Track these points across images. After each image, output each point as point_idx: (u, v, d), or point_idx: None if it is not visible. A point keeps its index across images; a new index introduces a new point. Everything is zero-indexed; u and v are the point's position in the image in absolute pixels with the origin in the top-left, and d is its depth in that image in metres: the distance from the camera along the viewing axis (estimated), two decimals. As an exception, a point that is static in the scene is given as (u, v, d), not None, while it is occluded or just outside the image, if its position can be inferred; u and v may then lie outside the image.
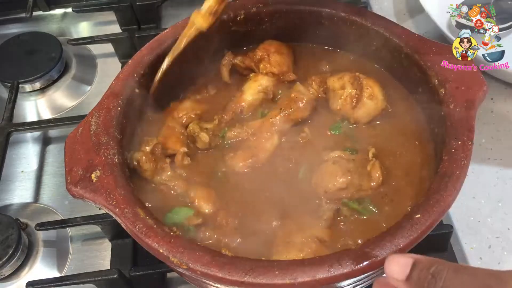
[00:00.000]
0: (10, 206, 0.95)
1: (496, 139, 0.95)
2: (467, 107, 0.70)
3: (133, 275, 0.79)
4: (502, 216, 0.86)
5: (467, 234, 0.84)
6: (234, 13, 0.85)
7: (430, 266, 0.48)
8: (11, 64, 1.12)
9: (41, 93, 1.12)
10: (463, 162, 0.64)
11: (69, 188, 0.67)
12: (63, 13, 1.30)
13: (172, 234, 0.61)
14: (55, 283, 0.79)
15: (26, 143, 1.05)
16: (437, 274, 0.47)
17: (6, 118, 1.01)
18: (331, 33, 0.87)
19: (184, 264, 0.58)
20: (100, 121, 0.72)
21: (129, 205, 0.63)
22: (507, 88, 1.02)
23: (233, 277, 0.57)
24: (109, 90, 0.76)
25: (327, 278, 0.56)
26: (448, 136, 0.67)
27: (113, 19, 1.24)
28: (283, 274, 0.56)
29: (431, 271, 0.48)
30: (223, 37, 0.86)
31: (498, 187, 0.89)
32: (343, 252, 0.58)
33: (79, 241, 0.90)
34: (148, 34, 1.10)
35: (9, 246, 0.83)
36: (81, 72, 1.16)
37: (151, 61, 0.80)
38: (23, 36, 1.18)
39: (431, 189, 0.63)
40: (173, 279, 0.84)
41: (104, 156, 0.68)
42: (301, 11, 0.86)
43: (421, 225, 0.59)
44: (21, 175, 1.00)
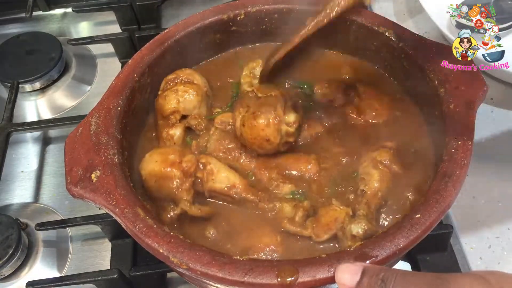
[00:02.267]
0: (10, 206, 0.95)
1: (496, 139, 0.95)
2: (467, 107, 0.70)
3: (133, 275, 0.79)
4: (502, 216, 0.86)
5: (467, 234, 0.84)
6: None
7: (379, 273, 0.50)
8: (11, 64, 1.12)
9: (41, 93, 1.12)
10: (463, 162, 0.64)
11: (69, 188, 0.67)
12: (63, 13, 1.30)
13: (172, 234, 0.61)
14: (55, 283, 0.79)
15: (26, 143, 1.05)
16: (386, 279, 0.49)
17: (6, 118, 1.01)
18: (330, 33, 0.86)
19: (184, 264, 0.58)
20: (100, 121, 0.72)
21: (129, 205, 0.63)
22: (507, 88, 1.02)
23: (233, 277, 0.57)
24: (109, 90, 0.76)
25: (327, 278, 0.56)
26: (448, 136, 0.67)
27: (113, 19, 1.24)
28: (283, 274, 0.56)
29: (381, 277, 0.50)
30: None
31: (498, 187, 0.89)
32: (343, 252, 0.58)
33: (79, 241, 0.90)
34: (148, 34, 1.11)
35: (9, 246, 0.83)
36: (81, 72, 1.16)
37: (151, 61, 0.80)
38: (23, 36, 1.18)
39: (431, 189, 0.63)
40: (173, 279, 0.84)
41: (104, 156, 0.68)
42: (301, 11, 0.86)
43: (421, 225, 0.59)
44: (21, 175, 1.00)
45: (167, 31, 0.83)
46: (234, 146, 0.75)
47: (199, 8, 0.89)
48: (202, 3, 1.22)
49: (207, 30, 0.85)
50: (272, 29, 0.88)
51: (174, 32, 0.83)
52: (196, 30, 0.84)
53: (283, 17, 0.87)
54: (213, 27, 0.85)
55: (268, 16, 0.87)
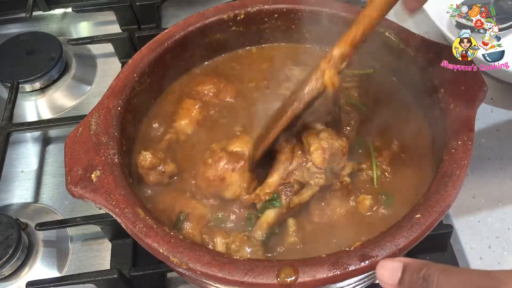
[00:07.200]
0: (10, 206, 0.95)
1: (496, 139, 0.95)
2: (467, 107, 0.70)
3: (133, 275, 0.79)
4: (502, 216, 0.86)
5: (467, 234, 0.84)
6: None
7: (420, 269, 0.49)
8: (11, 64, 1.12)
9: (41, 93, 1.12)
10: (463, 162, 0.64)
11: (69, 188, 0.67)
12: (63, 13, 1.30)
13: (172, 234, 0.61)
14: (55, 283, 0.79)
15: (26, 143, 1.05)
16: (428, 277, 0.48)
17: (6, 118, 1.01)
18: (330, 33, 0.86)
19: (184, 264, 0.58)
20: (100, 121, 0.72)
21: (129, 205, 0.63)
22: (507, 88, 1.02)
23: (233, 277, 0.57)
24: (109, 90, 0.76)
25: (327, 278, 0.56)
26: (448, 136, 0.67)
27: (113, 19, 1.24)
28: (283, 274, 0.56)
29: (422, 275, 0.48)
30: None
31: (498, 187, 0.89)
32: (343, 252, 0.58)
33: (79, 241, 0.90)
34: (148, 34, 1.10)
35: (9, 246, 0.83)
36: (81, 72, 1.16)
37: (151, 61, 0.80)
38: (23, 36, 1.18)
39: (431, 189, 0.63)
40: (173, 279, 0.84)
41: (104, 156, 0.68)
42: (301, 11, 0.86)
43: (421, 225, 0.59)
44: (21, 175, 1.00)
45: (167, 31, 0.83)
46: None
47: (199, 8, 0.89)
48: (202, 3, 1.22)
49: (207, 30, 0.85)
50: (272, 29, 0.88)
51: (174, 32, 0.83)
52: (196, 30, 0.84)
53: (283, 17, 0.87)
54: (213, 27, 0.85)
55: (268, 16, 0.87)
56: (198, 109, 0.82)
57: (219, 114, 0.83)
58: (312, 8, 0.85)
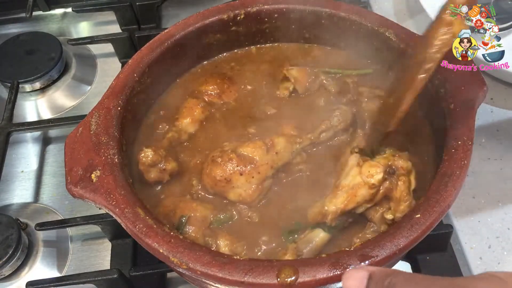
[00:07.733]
0: (10, 206, 0.95)
1: (496, 139, 0.95)
2: (467, 107, 0.70)
3: (133, 275, 0.79)
4: (502, 216, 0.86)
5: (467, 234, 0.84)
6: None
7: (385, 278, 0.48)
8: (11, 64, 1.12)
9: (41, 93, 1.12)
10: (463, 162, 0.64)
11: (69, 188, 0.67)
12: (63, 13, 1.30)
13: (172, 234, 0.61)
14: (55, 283, 0.79)
15: (26, 143, 1.05)
16: (392, 286, 0.47)
17: (6, 118, 1.01)
18: (330, 33, 0.87)
19: (184, 264, 0.58)
20: (100, 121, 0.72)
21: (129, 205, 0.63)
22: (507, 88, 1.02)
23: (233, 277, 0.57)
24: (109, 90, 0.76)
25: (327, 278, 0.56)
26: (448, 136, 0.67)
27: (113, 19, 1.24)
28: (283, 274, 0.56)
29: (386, 283, 0.47)
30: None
31: (498, 187, 0.89)
32: (343, 252, 0.58)
33: (79, 241, 0.90)
34: (148, 34, 1.10)
35: (9, 246, 0.83)
36: (81, 72, 1.16)
37: (151, 61, 0.80)
38: (23, 36, 1.18)
39: (431, 189, 0.63)
40: (173, 279, 0.84)
41: (104, 156, 0.68)
42: (302, 11, 0.86)
43: (421, 225, 0.59)
44: (21, 175, 1.00)
45: (167, 31, 0.83)
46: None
47: (199, 8, 0.89)
48: (202, 3, 1.22)
49: (207, 30, 0.85)
50: (272, 29, 0.88)
51: (174, 32, 0.83)
52: (196, 30, 0.84)
53: (283, 17, 0.87)
54: (213, 27, 0.85)
55: (268, 16, 0.87)
56: (200, 109, 0.82)
57: (221, 115, 0.83)
58: (312, 8, 0.85)
